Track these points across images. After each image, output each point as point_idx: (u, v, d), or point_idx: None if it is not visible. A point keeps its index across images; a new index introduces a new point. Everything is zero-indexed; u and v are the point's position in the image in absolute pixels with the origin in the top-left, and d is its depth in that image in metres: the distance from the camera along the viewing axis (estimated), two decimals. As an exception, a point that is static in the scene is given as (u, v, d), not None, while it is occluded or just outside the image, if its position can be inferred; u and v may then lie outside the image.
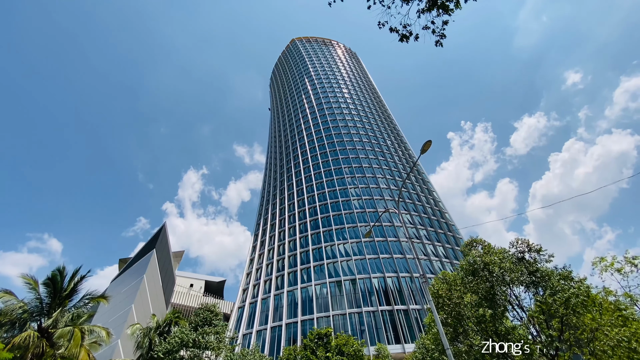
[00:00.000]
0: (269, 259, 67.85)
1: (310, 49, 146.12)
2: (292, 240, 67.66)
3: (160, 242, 52.26)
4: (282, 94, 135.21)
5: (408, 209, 69.96)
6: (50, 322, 18.72)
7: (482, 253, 21.36)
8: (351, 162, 79.99)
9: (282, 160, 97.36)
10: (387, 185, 75.61)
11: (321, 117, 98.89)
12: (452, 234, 67.61)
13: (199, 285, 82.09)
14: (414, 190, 77.44)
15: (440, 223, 70.00)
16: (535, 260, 19.22)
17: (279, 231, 72.68)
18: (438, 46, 10.86)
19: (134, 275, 43.83)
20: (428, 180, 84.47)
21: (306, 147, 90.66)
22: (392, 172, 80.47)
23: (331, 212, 67.99)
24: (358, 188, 72.75)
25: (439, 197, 79.15)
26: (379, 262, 56.45)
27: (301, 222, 70.15)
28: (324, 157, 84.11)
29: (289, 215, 74.82)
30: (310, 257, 60.81)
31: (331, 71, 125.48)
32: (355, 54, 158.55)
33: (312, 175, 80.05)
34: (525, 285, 18.65)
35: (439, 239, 65.21)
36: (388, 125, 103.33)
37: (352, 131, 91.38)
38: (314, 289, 54.69)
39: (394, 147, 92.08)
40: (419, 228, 65.64)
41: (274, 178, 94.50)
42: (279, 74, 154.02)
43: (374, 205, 68.52)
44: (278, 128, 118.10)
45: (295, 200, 76.65)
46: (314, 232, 65.86)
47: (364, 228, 63.13)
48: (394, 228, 63.73)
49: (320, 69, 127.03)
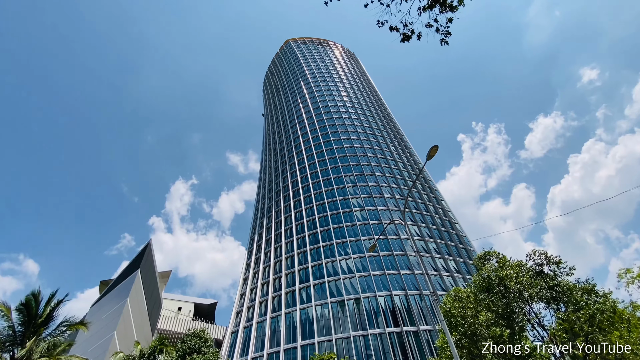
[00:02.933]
0: (265, 277, 67.26)
1: (305, 50, 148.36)
2: (290, 256, 67.23)
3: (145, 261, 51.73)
4: (276, 99, 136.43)
5: (415, 219, 69.91)
6: (24, 352, 18.37)
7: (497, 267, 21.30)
8: (352, 171, 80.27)
9: (278, 169, 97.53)
10: (392, 194, 75.69)
11: (319, 122, 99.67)
12: (464, 247, 67.37)
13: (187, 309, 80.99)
14: (421, 199, 77.51)
15: (450, 235, 69.85)
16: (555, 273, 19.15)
17: (275, 247, 72.26)
18: (443, 45, 10.94)
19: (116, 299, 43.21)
20: (436, 188, 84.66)
21: (303, 154, 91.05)
22: (396, 181, 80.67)
23: (332, 225, 67.83)
24: (360, 198, 72.80)
25: (448, 206, 79.19)
26: (385, 279, 56.06)
27: (299, 237, 69.83)
28: (322, 165, 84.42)
29: (285, 229, 74.54)
30: (309, 275, 60.32)
31: (328, 73, 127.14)
32: (354, 54, 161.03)
33: (310, 185, 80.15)
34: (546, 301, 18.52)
35: (449, 252, 64.94)
36: (391, 130, 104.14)
37: (352, 137, 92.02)
38: (314, 310, 54.07)
39: (398, 154, 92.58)
40: (428, 240, 65.46)
41: (269, 189, 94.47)
42: (273, 77, 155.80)
43: (378, 217, 68.42)
44: (272, 135, 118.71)
45: (292, 213, 76.50)
46: (313, 247, 65.52)
47: (367, 242, 62.89)
48: (400, 241, 63.50)
49: (317, 71, 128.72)
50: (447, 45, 11.01)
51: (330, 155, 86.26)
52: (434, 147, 14.81)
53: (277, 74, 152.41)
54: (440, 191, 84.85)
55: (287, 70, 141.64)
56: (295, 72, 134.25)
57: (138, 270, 46.94)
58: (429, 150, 14.95)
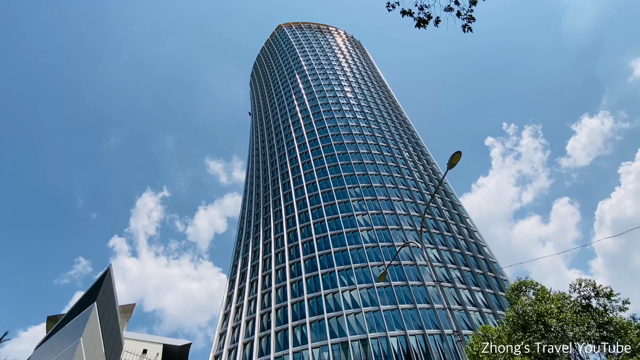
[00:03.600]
0: (250, 313, 66.63)
1: (301, 37, 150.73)
2: (281, 286, 66.77)
3: (103, 292, 51.24)
4: (266, 95, 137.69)
5: (434, 241, 69.82)
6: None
7: (535, 300, 21.26)
8: (358, 181, 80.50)
9: (267, 180, 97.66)
10: (406, 210, 75.75)
11: (317, 122, 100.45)
12: (494, 275, 67.16)
13: (155, 351, 79.57)
14: (442, 216, 77.59)
15: (477, 260, 69.69)
16: (606, 308, 19.10)
17: (263, 275, 71.83)
18: (466, 32, 11.13)
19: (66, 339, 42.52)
20: (459, 202, 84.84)
21: (298, 162, 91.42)
22: (411, 194, 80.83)
23: (332, 248, 67.62)
24: (368, 215, 72.80)
25: (474, 225, 79.26)
26: (397, 315, 55.58)
27: (292, 262, 69.51)
28: (321, 174, 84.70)
29: (276, 252, 74.25)
30: (305, 310, 59.76)
31: (329, 65, 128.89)
32: (360, 43, 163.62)
33: (306, 199, 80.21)
34: (594, 342, 18.41)
35: (476, 281, 64.69)
36: (404, 133, 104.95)
37: (357, 141, 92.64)
38: (310, 354, 53.33)
39: (413, 161, 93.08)
40: (450, 267, 65.26)
41: (256, 204, 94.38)
42: (262, 69, 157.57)
43: (389, 238, 68.31)
44: (261, 138, 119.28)
45: (284, 233, 76.34)
46: (309, 275, 65.14)
47: (376, 268, 62.61)
48: (416, 268, 63.30)
49: (315, 61, 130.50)
50: (471, 32, 11.13)
51: (331, 163, 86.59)
52: (457, 153, 14.82)
53: (267, 65, 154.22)
54: (465, 207, 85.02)
55: (280, 61, 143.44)
56: (290, 63, 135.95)
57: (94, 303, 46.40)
58: (451, 158, 14.97)
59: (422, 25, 11.12)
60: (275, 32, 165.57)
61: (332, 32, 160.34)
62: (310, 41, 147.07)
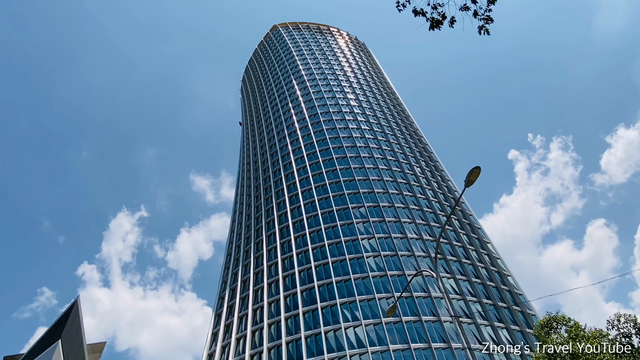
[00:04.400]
0: (239, 353, 65.82)
1: (299, 38, 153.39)
2: (275, 322, 66.13)
3: (69, 328, 50.79)
4: (259, 102, 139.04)
5: (451, 270, 69.48)
6: None
7: (568, 338, 21.13)
8: (363, 201, 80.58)
9: (259, 198, 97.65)
10: (418, 234, 75.57)
11: (316, 133, 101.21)
12: (520, 309, 66.65)
13: (126, 399, 78.24)
14: (459, 241, 77.41)
15: (501, 292, 69.20)
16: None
17: (254, 308, 71.21)
18: (483, 34, 11.33)
19: (24, 384, 41.96)
20: (479, 225, 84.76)
21: (295, 178, 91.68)
22: (424, 215, 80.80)
23: (334, 278, 67.20)
24: (374, 239, 72.62)
25: (496, 251, 79.01)
26: (409, 356, 54.95)
27: (288, 294, 69.00)
28: (321, 192, 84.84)
29: (269, 282, 73.74)
30: (302, 350, 59.02)
31: (330, 69, 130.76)
32: (364, 45, 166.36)
33: (304, 221, 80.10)
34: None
35: (500, 316, 64.14)
36: (415, 145, 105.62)
37: (362, 154, 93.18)
38: (309, 402, 52.57)
39: (426, 177, 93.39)
40: (470, 300, 64.84)
41: (247, 226, 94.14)
42: (255, 74, 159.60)
43: (399, 266, 67.98)
44: (253, 151, 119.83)
45: (278, 260, 75.98)
46: (307, 309, 64.56)
47: (385, 301, 62.11)
48: (430, 301, 62.92)
49: (315, 65, 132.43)
50: (488, 34, 11.36)
51: (333, 180, 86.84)
52: (475, 169, 14.79)
53: (260, 69, 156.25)
54: (486, 230, 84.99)
55: (275, 65, 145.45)
56: (286, 67, 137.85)
57: (59, 341, 45.95)
58: (469, 174, 14.85)
59: (436, 26, 11.36)
60: (270, 33, 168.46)
61: (333, 33, 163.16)
62: (309, 43, 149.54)
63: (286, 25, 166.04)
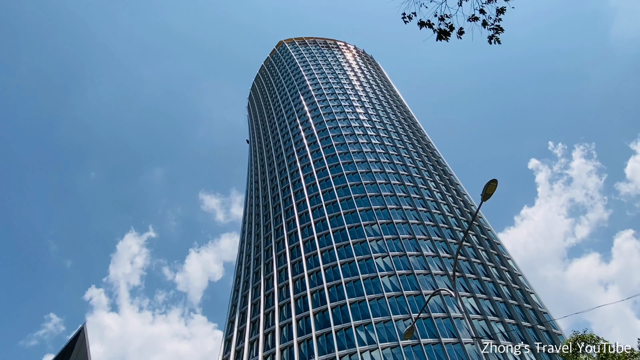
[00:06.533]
0: (250, 380, 64.85)
1: (306, 53, 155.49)
2: (287, 347, 65.32)
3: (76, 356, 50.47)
4: (266, 120, 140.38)
5: (471, 288, 68.35)
6: None
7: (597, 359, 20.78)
8: (375, 217, 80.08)
9: (268, 217, 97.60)
10: (435, 251, 74.68)
11: (325, 149, 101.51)
12: (545, 329, 65.06)
13: None
14: (478, 257, 76.34)
15: (524, 310, 67.80)
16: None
17: (265, 333, 70.53)
18: (493, 43, 11.48)
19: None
20: (498, 240, 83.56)
21: (305, 196, 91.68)
22: (440, 231, 79.96)
23: (348, 299, 66.43)
24: (389, 257, 71.96)
25: (517, 267, 77.73)
26: (430, 381, 53.58)
27: (300, 317, 68.30)
28: (332, 210, 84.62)
29: (280, 305, 73.15)
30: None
31: (338, 83, 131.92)
32: (372, 58, 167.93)
33: (315, 240, 79.78)
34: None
35: (523, 336, 62.69)
36: (428, 159, 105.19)
37: (374, 169, 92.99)
38: None
39: (440, 192, 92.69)
40: (491, 320, 63.54)
41: (256, 246, 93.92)
42: (261, 90, 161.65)
43: (415, 285, 67.08)
44: (261, 169, 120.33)
45: (289, 281, 75.54)
46: (321, 332, 63.76)
47: (402, 323, 61.13)
48: (450, 321, 61.86)
49: (322, 80, 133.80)
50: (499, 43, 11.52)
51: (344, 197, 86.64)
52: (492, 182, 14.66)
53: (267, 86, 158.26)
54: (508, 244, 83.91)
55: (282, 81, 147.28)
56: (293, 83, 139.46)
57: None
58: (485, 187, 14.76)
59: (443, 37, 11.65)
60: (276, 49, 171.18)
61: (340, 46, 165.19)
62: (315, 58, 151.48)
63: (292, 41, 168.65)
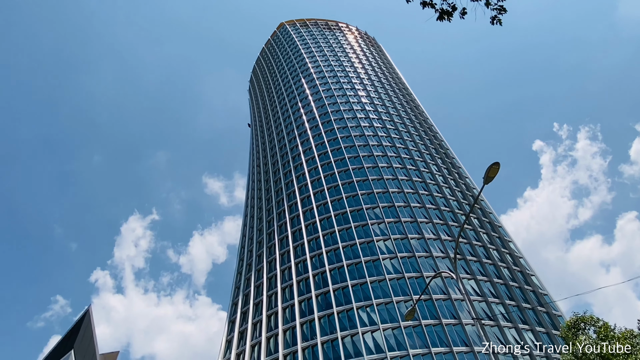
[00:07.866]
0: None
1: (307, 35, 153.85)
2: (290, 328, 66.28)
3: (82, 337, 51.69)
4: (267, 103, 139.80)
5: (472, 271, 68.94)
6: None
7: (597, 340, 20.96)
8: (377, 201, 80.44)
9: (270, 201, 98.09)
10: (436, 234, 75.20)
11: (327, 133, 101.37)
12: (546, 310, 65.75)
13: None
14: (479, 240, 76.79)
15: (524, 292, 68.46)
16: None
17: (268, 315, 71.47)
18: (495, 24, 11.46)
19: (39, 395, 42.88)
20: (499, 223, 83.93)
21: (307, 179, 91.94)
22: (442, 214, 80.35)
23: (349, 281, 67.17)
24: (390, 240, 72.45)
25: (518, 249, 78.19)
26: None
27: (302, 299, 69.14)
28: (334, 193, 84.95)
29: (282, 288, 73.96)
30: (319, 356, 58.99)
31: (340, 66, 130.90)
32: (375, 40, 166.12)
33: (317, 223, 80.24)
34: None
35: (524, 318, 63.41)
36: (430, 142, 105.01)
37: (375, 153, 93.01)
38: (327, 409, 52.60)
39: (442, 175, 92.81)
40: (492, 302, 64.21)
41: (258, 230, 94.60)
42: (263, 73, 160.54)
43: (417, 268, 67.68)
44: (263, 153, 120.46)
45: (292, 264, 76.20)
46: (323, 314, 64.64)
47: (403, 304, 61.84)
48: (451, 303, 62.55)
49: (324, 62, 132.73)
50: (500, 24, 11.42)
51: (345, 180, 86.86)
52: (494, 165, 14.59)
53: (268, 68, 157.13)
54: (510, 226, 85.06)
55: (283, 64, 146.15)
56: (294, 66, 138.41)
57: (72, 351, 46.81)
58: (487, 170, 14.69)
59: (445, 17, 11.41)
60: (277, 31, 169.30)
61: (342, 28, 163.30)
62: (317, 40, 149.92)
63: (293, 23, 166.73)
